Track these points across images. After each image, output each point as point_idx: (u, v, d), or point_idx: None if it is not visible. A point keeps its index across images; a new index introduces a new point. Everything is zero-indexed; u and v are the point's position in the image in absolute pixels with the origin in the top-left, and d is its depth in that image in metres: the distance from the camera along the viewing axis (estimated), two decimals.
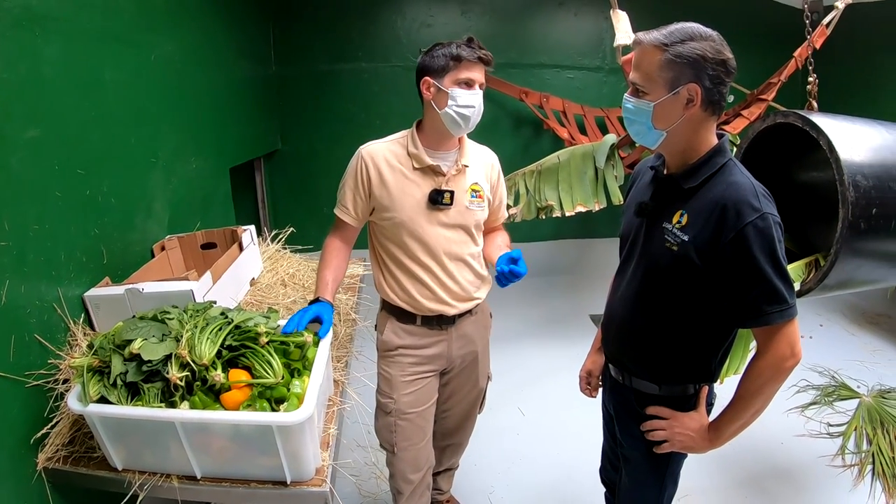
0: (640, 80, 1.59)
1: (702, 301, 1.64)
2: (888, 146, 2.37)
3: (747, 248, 1.50)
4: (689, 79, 1.52)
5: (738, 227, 1.50)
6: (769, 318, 1.54)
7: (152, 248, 2.70)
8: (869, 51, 5.58)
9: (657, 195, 1.74)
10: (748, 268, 1.51)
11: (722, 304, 1.61)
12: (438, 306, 2.25)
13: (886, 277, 2.59)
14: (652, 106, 1.58)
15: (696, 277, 1.60)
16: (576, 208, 4.08)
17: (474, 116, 2.09)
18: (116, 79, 2.47)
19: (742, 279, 1.53)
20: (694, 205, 1.61)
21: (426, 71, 2.10)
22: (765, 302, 1.53)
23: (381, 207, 2.17)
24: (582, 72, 5.90)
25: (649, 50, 1.55)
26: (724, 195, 1.54)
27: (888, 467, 3.25)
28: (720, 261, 1.54)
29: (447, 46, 2.06)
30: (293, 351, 1.83)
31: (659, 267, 1.68)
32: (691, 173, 1.63)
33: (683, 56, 1.51)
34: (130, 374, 1.64)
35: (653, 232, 1.71)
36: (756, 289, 1.53)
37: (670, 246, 1.63)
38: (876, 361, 4.62)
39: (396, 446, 2.31)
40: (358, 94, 5.43)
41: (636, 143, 1.71)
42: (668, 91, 1.54)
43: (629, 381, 1.86)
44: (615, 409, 2.00)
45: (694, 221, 1.59)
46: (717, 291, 1.60)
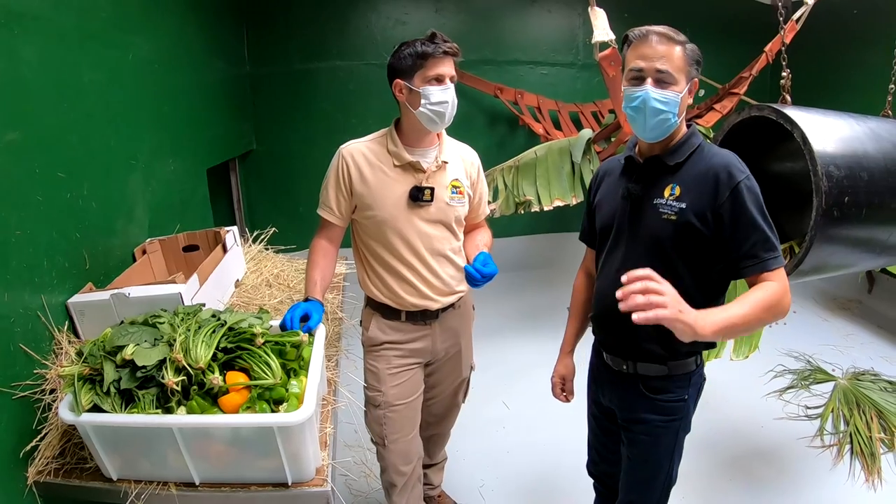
0: (673, 70, 1.68)
1: (703, 263, 1.76)
2: (858, 137, 2.44)
3: (742, 203, 1.65)
4: (695, 74, 1.74)
5: (731, 186, 1.66)
6: (767, 263, 1.67)
7: (134, 251, 2.67)
8: (836, 46, 5.67)
9: (641, 179, 1.84)
10: (745, 220, 1.66)
11: (723, 260, 1.74)
12: (422, 301, 2.26)
13: (857, 262, 2.68)
14: (680, 96, 1.69)
15: (698, 240, 1.72)
16: (553, 203, 4.11)
17: (449, 111, 2.10)
18: (95, 79, 2.45)
19: (741, 231, 1.67)
20: (683, 177, 1.76)
21: (396, 73, 2.12)
22: (762, 249, 1.66)
23: (362, 205, 2.18)
24: (556, 68, 5.94)
25: (673, 45, 1.69)
26: (712, 164, 1.72)
27: (866, 446, 3.34)
28: (719, 219, 1.68)
29: (412, 45, 2.06)
30: (289, 351, 1.82)
31: (660, 239, 1.77)
32: (675, 151, 1.78)
33: (694, 53, 1.72)
34: (124, 380, 1.59)
35: (644, 212, 1.81)
36: (753, 237, 1.66)
37: (668, 217, 1.74)
38: (849, 345, 4.73)
39: (387, 439, 2.32)
40: (333, 93, 5.41)
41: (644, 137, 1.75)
42: (686, 83, 1.71)
43: (633, 368, 1.91)
44: (619, 401, 2.01)
45: (687, 190, 1.73)
46: (717, 248, 1.72)
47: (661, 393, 1.90)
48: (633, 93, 1.71)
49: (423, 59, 2.04)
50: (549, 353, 1.89)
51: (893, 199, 2.40)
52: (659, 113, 1.69)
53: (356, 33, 5.32)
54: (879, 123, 2.62)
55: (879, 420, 3.55)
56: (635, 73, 1.71)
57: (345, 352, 2.51)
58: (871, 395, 3.76)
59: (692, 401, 1.95)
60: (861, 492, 3.10)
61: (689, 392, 1.92)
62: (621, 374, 1.96)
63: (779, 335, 4.69)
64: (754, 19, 5.40)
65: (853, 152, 2.35)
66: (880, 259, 2.66)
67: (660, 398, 1.90)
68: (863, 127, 2.51)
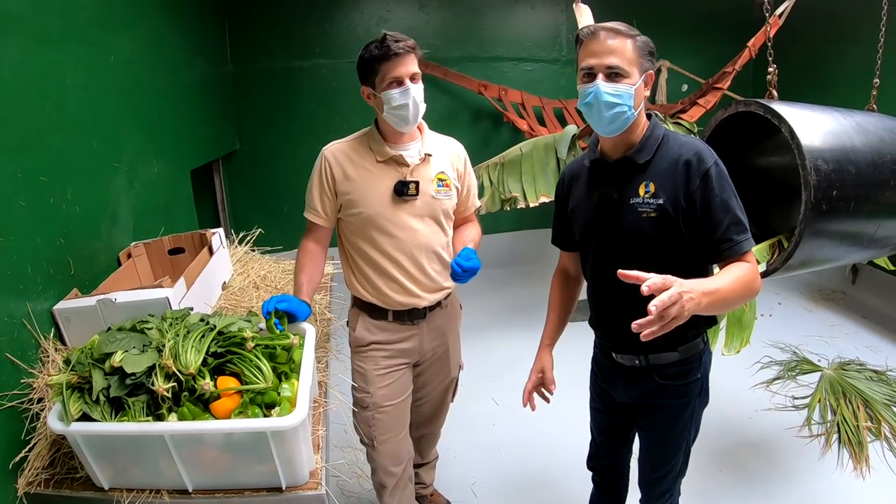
0: (624, 64, 1.68)
1: (688, 252, 1.77)
2: (845, 131, 2.46)
3: (714, 187, 1.68)
4: (649, 65, 1.74)
5: (701, 171, 1.69)
6: (741, 245, 1.69)
7: (119, 255, 2.63)
8: (820, 40, 5.70)
9: (612, 181, 1.84)
10: (718, 203, 1.68)
11: (701, 244, 1.75)
12: (409, 299, 2.26)
13: (845, 255, 2.71)
14: (634, 89, 1.69)
15: (679, 230, 1.74)
16: (539, 199, 4.12)
17: (413, 111, 2.09)
18: (77, 80, 2.42)
19: (715, 215, 1.69)
20: (655, 172, 1.76)
21: (361, 80, 2.13)
22: (735, 232, 1.69)
23: (347, 204, 2.18)
24: (539, 64, 5.93)
25: (623, 39, 1.68)
26: (681, 153, 1.74)
27: (853, 435, 3.37)
28: (692, 204, 1.70)
29: (367, 50, 2.06)
30: (280, 354, 1.81)
31: (644, 238, 1.78)
32: (642, 148, 1.78)
33: (646, 45, 1.72)
34: (113, 388, 1.57)
35: (622, 213, 1.81)
36: (727, 221, 1.68)
37: (648, 214, 1.75)
38: (834, 336, 4.77)
39: (376, 440, 2.32)
40: (316, 92, 5.38)
41: (602, 132, 1.76)
42: (640, 75, 1.71)
43: (646, 361, 1.93)
44: (636, 393, 2.03)
45: (662, 185, 1.74)
46: (695, 234, 1.73)
47: (676, 378, 1.94)
48: (585, 89, 1.72)
49: (378, 64, 2.04)
50: (536, 348, 1.89)
51: (881, 192, 2.43)
52: (613, 106, 1.70)
53: (339, 31, 5.29)
54: (865, 117, 2.65)
55: (866, 409, 3.58)
56: (586, 70, 1.73)
57: (334, 353, 2.49)
58: (857, 384, 3.79)
59: (705, 377, 2.00)
60: (850, 480, 3.12)
61: (701, 371, 1.97)
62: (635, 368, 1.97)
63: (765, 327, 4.71)
64: (737, 15, 5.42)
65: (841, 146, 2.37)
66: (867, 252, 2.69)
67: (675, 383, 1.94)
68: (849, 121, 2.53)
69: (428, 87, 5.39)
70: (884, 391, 3.75)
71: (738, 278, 1.63)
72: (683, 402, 1.97)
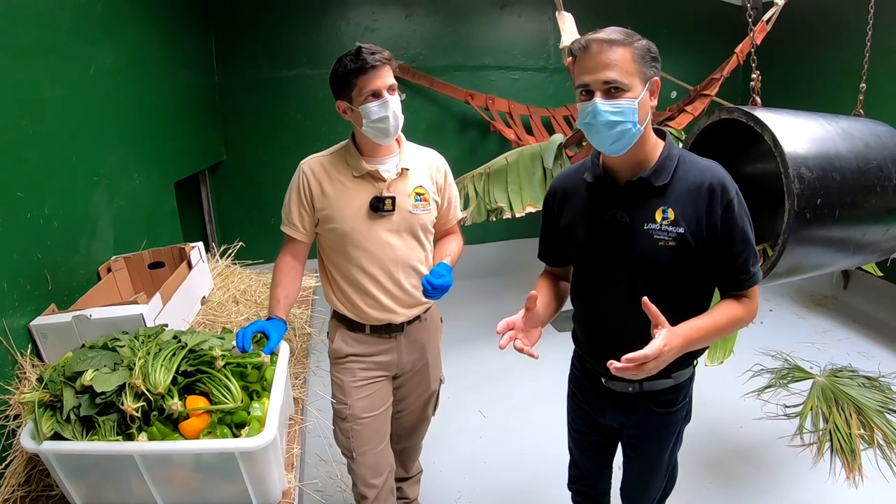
0: (621, 77, 1.53)
1: (701, 280, 1.74)
2: (830, 138, 2.44)
3: (736, 219, 1.63)
4: (653, 73, 1.59)
5: (725, 201, 1.62)
6: (755, 277, 1.69)
7: (98, 270, 2.61)
8: (809, 46, 5.70)
9: (624, 203, 1.71)
10: (738, 235, 1.64)
11: (714, 275, 1.73)
12: (385, 315, 2.25)
13: (833, 262, 2.68)
14: (636, 102, 1.56)
15: (695, 260, 1.67)
16: (526, 209, 4.09)
17: (393, 123, 2.07)
18: (55, 94, 2.39)
19: (734, 245, 1.65)
20: (674, 198, 1.66)
21: (336, 95, 2.10)
22: (752, 263, 1.68)
23: (324, 219, 2.17)
24: (527, 72, 5.92)
25: (619, 49, 1.53)
26: (703, 177, 1.65)
27: (845, 443, 3.35)
28: (712, 234, 1.64)
29: (341, 63, 2.04)
30: (251, 373, 1.79)
31: (660, 267, 1.69)
32: (659, 170, 1.67)
33: (646, 51, 1.57)
34: (84, 407, 1.56)
35: (636, 239, 1.70)
36: (745, 252, 1.66)
37: (666, 243, 1.66)
38: (826, 342, 4.76)
39: (355, 451, 2.30)
40: (303, 102, 5.36)
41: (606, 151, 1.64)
42: (643, 85, 1.57)
43: (639, 387, 1.87)
44: (626, 419, 1.98)
45: (683, 212, 1.65)
46: (710, 264, 1.69)
47: (668, 406, 1.90)
48: (584, 108, 1.60)
49: (354, 77, 2.01)
50: (525, 359, 1.83)
51: (866, 198, 2.41)
52: (614, 125, 1.57)
53: (326, 41, 5.28)
54: (851, 123, 2.62)
55: (858, 416, 3.57)
56: (582, 88, 1.59)
57: (312, 369, 2.47)
58: (850, 391, 3.78)
59: (691, 398, 1.99)
60: (842, 489, 3.11)
61: (689, 393, 1.96)
62: (626, 395, 1.91)
63: (756, 334, 4.70)
64: (725, 20, 5.43)
65: (825, 153, 2.35)
66: (856, 258, 2.68)
67: (667, 410, 1.91)
68: (834, 127, 2.51)
69: (415, 97, 5.36)
70: (876, 398, 3.74)
71: (730, 319, 1.67)
72: (672, 430, 1.96)
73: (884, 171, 2.46)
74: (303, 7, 5.21)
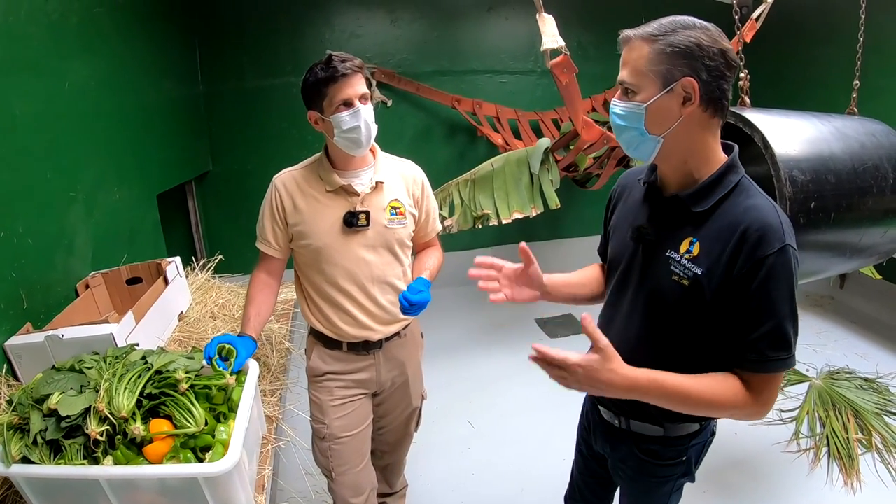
0: (629, 78, 1.39)
1: (709, 335, 1.46)
2: (823, 138, 2.36)
3: (763, 283, 1.32)
4: (684, 72, 1.33)
5: (756, 257, 1.32)
6: (770, 365, 1.36)
7: (76, 287, 2.58)
8: (799, 42, 5.68)
9: (657, 218, 1.54)
10: (760, 305, 1.34)
11: (722, 342, 1.43)
12: (360, 332, 2.21)
13: (829, 268, 2.60)
14: (644, 107, 1.38)
15: (703, 310, 1.43)
16: (513, 215, 4.01)
17: (365, 133, 2.01)
18: (27, 111, 2.36)
19: (751, 317, 1.35)
20: (707, 232, 1.42)
21: (307, 105, 2.06)
22: (770, 347, 1.35)
23: (297, 235, 2.13)
24: (515, 76, 5.87)
25: (637, 44, 1.37)
26: (743, 219, 1.35)
27: (843, 448, 3.31)
28: (730, 293, 1.37)
29: (312, 73, 2.00)
30: (216, 394, 1.76)
31: (666, 303, 1.50)
32: (702, 194, 1.43)
33: (676, 46, 1.33)
34: (50, 431, 1.54)
35: (655, 262, 1.52)
36: (764, 328, 1.34)
37: (679, 279, 1.44)
38: (823, 343, 4.72)
39: (334, 471, 2.26)
40: (289, 110, 5.30)
41: (632, 157, 1.49)
42: (661, 88, 1.35)
43: (626, 424, 1.71)
44: (612, 453, 1.84)
45: (708, 251, 1.40)
46: (718, 328, 1.43)
47: (657, 458, 1.70)
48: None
49: (325, 87, 1.96)
50: (517, 364, 1.77)
51: (863, 200, 2.33)
52: (621, 129, 1.45)
53: (311, 48, 5.24)
54: (845, 122, 2.56)
55: (856, 420, 3.53)
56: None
57: (289, 385, 2.45)
58: (847, 393, 3.75)
59: (694, 458, 1.73)
60: (840, 496, 3.06)
61: (689, 453, 1.70)
62: (614, 427, 1.77)
63: None
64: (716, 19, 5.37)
65: (818, 154, 2.28)
66: (853, 262, 2.61)
67: (653, 461, 1.71)
68: (828, 126, 2.44)
69: (401, 104, 5.32)
70: (874, 400, 3.71)
71: (714, 395, 1.38)
72: (661, 480, 1.75)
73: (880, 171, 2.39)
74: (287, 15, 5.18)
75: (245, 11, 5.06)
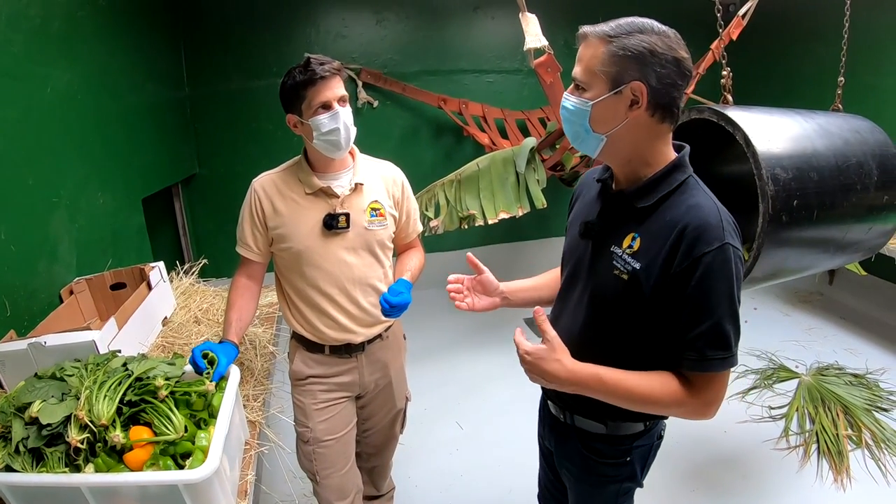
0: (580, 75, 1.40)
1: (650, 336, 1.47)
2: (806, 135, 2.35)
3: (700, 282, 1.33)
4: (634, 76, 1.33)
5: (693, 255, 1.32)
6: (709, 364, 1.37)
7: (60, 293, 2.56)
8: (787, 39, 5.71)
9: (605, 214, 1.56)
10: (698, 304, 1.35)
11: (662, 341, 1.44)
12: (343, 335, 2.21)
13: (814, 265, 2.60)
14: (590, 105, 1.39)
15: (642, 307, 1.43)
16: (499, 215, 3.99)
17: (344, 136, 2.02)
18: (7, 117, 2.35)
19: (689, 315, 1.36)
20: (648, 228, 1.43)
21: (286, 108, 2.06)
22: (708, 346, 1.36)
23: (277, 238, 2.13)
24: (501, 75, 5.87)
25: (593, 42, 1.37)
26: (683, 217, 1.36)
27: (833, 444, 3.32)
28: (668, 290, 1.38)
29: (290, 76, 2.00)
30: (196, 401, 1.75)
31: (606, 297, 1.52)
32: (646, 191, 1.44)
33: (629, 49, 1.32)
34: (31, 439, 1.54)
35: (600, 256, 1.53)
36: (701, 327, 1.35)
37: (619, 274, 1.45)
38: (812, 340, 4.75)
39: (318, 475, 2.26)
40: (275, 112, 5.14)
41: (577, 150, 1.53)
42: (609, 89, 1.35)
43: (571, 419, 1.71)
44: (557, 449, 1.86)
45: (648, 247, 1.41)
46: (658, 326, 1.43)
47: (599, 455, 1.69)
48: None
49: (304, 90, 1.96)
50: (506, 366, 1.75)
51: (846, 197, 2.33)
52: (568, 123, 1.47)
53: (296, 50, 5.20)
54: (829, 119, 2.55)
55: (846, 416, 3.54)
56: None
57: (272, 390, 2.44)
58: (837, 390, 3.76)
59: (638, 461, 1.71)
60: (830, 492, 3.07)
61: (632, 455, 1.69)
62: (560, 422, 1.78)
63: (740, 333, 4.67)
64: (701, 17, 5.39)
65: (801, 152, 2.26)
66: (839, 258, 2.61)
67: (596, 459, 1.70)
68: (811, 124, 2.43)
69: (387, 104, 5.32)
70: (864, 395, 3.73)
71: (653, 392, 1.41)
72: (605, 479, 1.74)
73: (864, 168, 2.38)
74: (272, 17, 5.17)
75: (230, 13, 5.05)
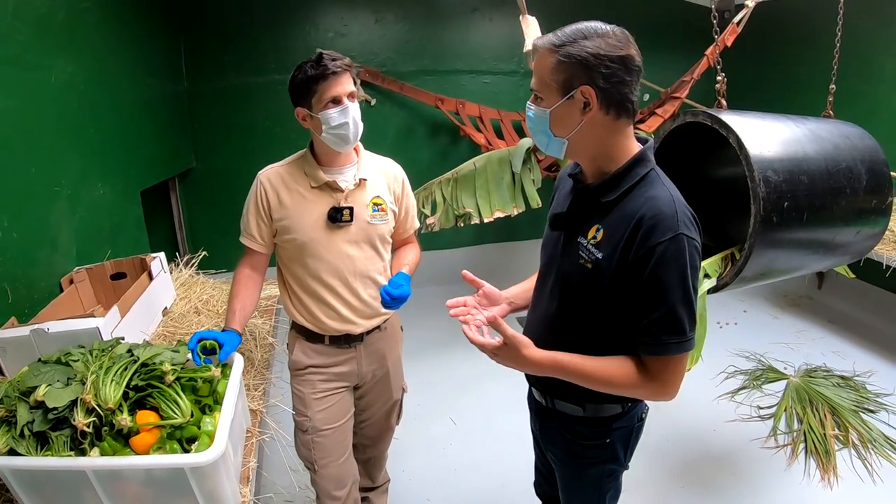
0: (535, 85, 1.49)
1: (613, 322, 1.54)
2: (797, 140, 2.41)
3: (654, 270, 1.39)
4: (582, 80, 1.40)
5: (648, 244, 1.39)
6: (663, 348, 1.43)
7: (60, 281, 2.58)
8: (780, 46, 5.76)
9: (574, 207, 1.62)
10: (653, 291, 1.41)
11: (622, 327, 1.51)
12: (344, 326, 2.24)
13: (803, 266, 2.64)
14: (548, 112, 1.47)
15: (604, 294, 1.51)
16: (494, 214, 4.04)
17: (353, 130, 2.06)
18: (11, 106, 2.37)
19: (644, 302, 1.43)
20: (610, 219, 1.49)
21: (295, 102, 2.08)
22: (663, 331, 1.42)
23: (282, 230, 2.15)
24: (498, 76, 5.91)
25: (543, 53, 1.45)
26: (641, 208, 1.42)
27: (820, 444, 3.36)
28: (625, 278, 1.45)
29: (301, 70, 2.02)
30: (202, 386, 1.76)
31: (572, 285, 1.59)
32: (609, 185, 1.50)
33: (573, 56, 1.38)
34: (37, 422, 1.54)
35: (569, 247, 1.60)
36: (656, 313, 1.42)
37: (584, 263, 1.52)
38: (800, 342, 4.79)
39: (317, 464, 2.28)
40: (272, 108, 5.31)
41: (545, 153, 1.61)
42: (562, 95, 1.43)
43: (552, 403, 1.77)
44: (540, 433, 1.93)
45: (609, 237, 1.47)
46: (618, 312, 1.50)
47: (579, 437, 1.75)
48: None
49: (315, 84, 1.99)
50: (497, 365, 1.78)
51: (835, 200, 2.38)
52: (533, 131, 1.56)
53: (295, 47, 5.25)
54: (820, 124, 2.60)
55: (833, 416, 3.58)
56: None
57: (271, 380, 2.45)
58: (824, 391, 3.80)
59: (619, 443, 1.75)
60: (817, 491, 3.11)
61: (612, 436, 1.73)
62: (542, 406, 1.84)
63: (729, 335, 4.74)
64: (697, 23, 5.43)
65: (792, 155, 2.32)
66: (827, 260, 2.66)
67: (577, 441, 1.76)
68: (802, 128, 2.48)
69: (385, 103, 5.33)
70: (851, 397, 3.77)
71: (611, 375, 1.49)
72: (586, 464, 1.79)
73: (853, 173, 2.44)
74: (271, 13, 5.18)
75: (229, 10, 5.07)
